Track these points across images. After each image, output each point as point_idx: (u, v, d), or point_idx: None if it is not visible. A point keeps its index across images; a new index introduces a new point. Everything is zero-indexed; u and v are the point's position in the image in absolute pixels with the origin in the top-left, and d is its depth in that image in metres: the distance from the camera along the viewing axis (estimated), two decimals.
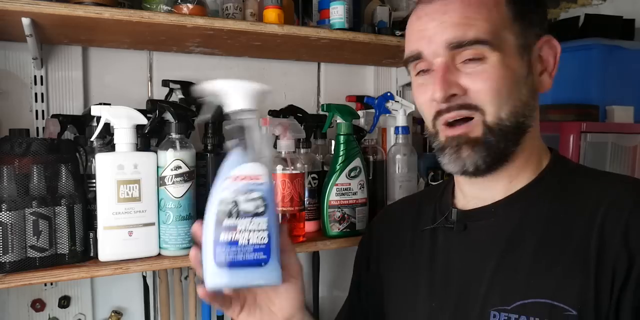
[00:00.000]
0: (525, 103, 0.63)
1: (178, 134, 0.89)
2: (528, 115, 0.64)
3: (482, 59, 0.60)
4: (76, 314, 1.12)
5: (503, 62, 0.60)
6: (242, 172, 0.61)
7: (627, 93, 1.53)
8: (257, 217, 0.61)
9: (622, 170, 1.44)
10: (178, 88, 1.11)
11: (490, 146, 0.62)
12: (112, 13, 0.86)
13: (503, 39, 0.61)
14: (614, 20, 1.61)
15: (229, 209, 0.60)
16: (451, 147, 0.63)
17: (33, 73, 1.06)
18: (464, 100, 0.61)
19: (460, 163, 0.63)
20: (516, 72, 0.62)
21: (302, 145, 1.07)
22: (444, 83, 0.61)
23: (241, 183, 0.61)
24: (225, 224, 0.60)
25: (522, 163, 0.65)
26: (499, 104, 0.61)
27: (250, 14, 1.10)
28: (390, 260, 0.77)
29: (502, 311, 0.59)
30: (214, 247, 0.59)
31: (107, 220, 0.83)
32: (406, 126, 1.15)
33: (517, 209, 0.64)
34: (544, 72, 0.66)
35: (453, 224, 0.69)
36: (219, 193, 0.60)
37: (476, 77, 0.61)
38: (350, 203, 1.03)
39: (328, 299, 1.40)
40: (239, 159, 0.61)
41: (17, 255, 0.77)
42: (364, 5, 1.30)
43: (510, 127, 0.62)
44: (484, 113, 0.61)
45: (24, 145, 0.79)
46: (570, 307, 0.55)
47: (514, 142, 0.63)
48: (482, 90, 0.60)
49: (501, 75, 0.60)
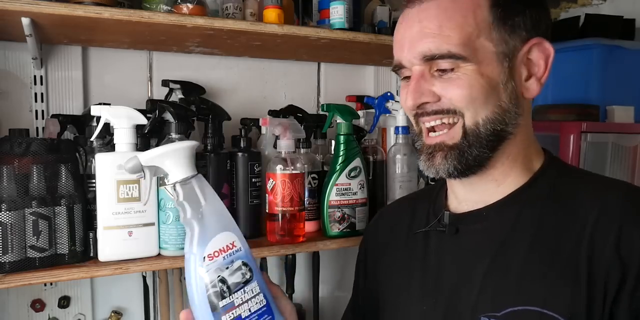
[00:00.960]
0: (505, 110, 0.62)
1: (178, 134, 0.89)
2: (509, 123, 0.62)
3: (455, 69, 0.60)
4: (76, 314, 1.12)
5: (477, 70, 0.60)
6: (215, 246, 0.58)
7: (627, 93, 1.53)
8: (248, 285, 0.59)
9: (622, 171, 1.44)
10: (178, 88, 1.11)
11: (463, 153, 0.62)
12: (112, 13, 0.86)
13: (478, 48, 0.60)
14: (614, 20, 1.61)
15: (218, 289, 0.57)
16: (426, 154, 0.65)
17: (33, 73, 1.06)
18: (438, 106, 0.62)
19: (433, 169, 0.64)
20: (493, 79, 0.61)
21: (302, 145, 1.07)
22: (414, 92, 0.62)
23: (219, 258, 0.58)
24: (222, 305, 0.57)
25: (506, 168, 0.65)
26: (474, 110, 0.61)
27: (250, 14, 1.10)
28: (384, 262, 0.77)
29: (492, 317, 0.59)
30: None
31: (107, 220, 0.83)
32: (406, 126, 1.15)
33: (508, 213, 0.64)
34: (532, 77, 0.63)
35: (445, 227, 0.68)
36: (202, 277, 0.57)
37: (448, 84, 0.61)
38: (350, 203, 1.03)
39: (328, 299, 1.40)
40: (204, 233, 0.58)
41: (17, 256, 0.77)
42: (364, 5, 1.30)
43: (485, 134, 0.62)
44: (463, 116, 0.62)
45: (24, 145, 0.78)
46: (561, 316, 0.55)
47: (489, 149, 0.62)
48: (454, 98, 0.61)
49: (475, 83, 0.60)
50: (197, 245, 0.57)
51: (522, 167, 0.65)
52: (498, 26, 0.60)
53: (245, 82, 1.29)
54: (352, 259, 0.89)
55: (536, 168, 0.66)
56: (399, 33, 0.65)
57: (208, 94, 1.20)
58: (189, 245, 0.58)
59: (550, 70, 0.63)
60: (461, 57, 0.59)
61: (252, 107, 1.28)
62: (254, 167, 0.99)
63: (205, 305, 0.56)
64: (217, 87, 1.25)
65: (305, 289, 1.35)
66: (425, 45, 0.60)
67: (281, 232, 0.97)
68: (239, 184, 0.99)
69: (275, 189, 0.96)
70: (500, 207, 0.65)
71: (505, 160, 0.64)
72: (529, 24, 0.62)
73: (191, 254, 0.57)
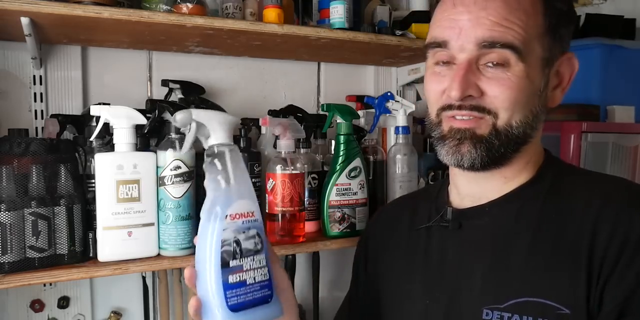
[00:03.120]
0: (536, 115, 0.63)
1: (177, 134, 0.88)
2: (535, 127, 0.64)
3: (507, 66, 0.60)
4: (75, 315, 1.11)
5: (526, 72, 0.60)
6: (237, 209, 0.59)
7: (628, 93, 1.53)
8: (257, 255, 0.60)
9: (622, 171, 1.44)
10: (177, 88, 1.11)
11: (492, 148, 0.62)
12: (112, 12, 0.86)
13: (532, 50, 0.60)
14: (614, 20, 1.60)
15: (232, 249, 0.58)
16: (453, 139, 0.63)
17: (32, 73, 1.06)
18: (478, 102, 0.61)
19: (457, 156, 0.63)
20: (535, 84, 0.62)
21: (302, 145, 1.06)
22: (463, 82, 0.60)
23: (239, 221, 0.59)
24: (232, 264, 0.58)
25: (519, 167, 0.67)
26: (512, 111, 0.61)
27: (250, 14, 1.10)
28: (386, 258, 0.78)
29: (495, 309, 0.60)
30: (224, 291, 0.57)
31: (107, 220, 0.83)
32: (406, 126, 1.15)
33: (511, 209, 0.65)
34: (558, 87, 0.66)
35: (448, 222, 0.69)
36: (220, 233, 0.58)
37: (496, 82, 0.60)
38: (351, 203, 1.03)
39: (328, 299, 1.40)
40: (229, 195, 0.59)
41: (16, 256, 0.77)
42: (364, 4, 1.30)
43: (516, 136, 0.62)
44: (497, 117, 0.61)
45: (23, 145, 0.78)
46: (563, 305, 0.56)
47: (515, 150, 0.64)
48: (500, 97, 0.60)
49: (521, 85, 0.60)
50: (221, 203, 0.58)
51: (530, 167, 0.67)
52: (547, 34, 0.62)
53: (245, 82, 1.29)
54: (352, 259, 0.89)
55: (538, 166, 0.68)
56: (450, 14, 0.62)
57: (208, 94, 1.20)
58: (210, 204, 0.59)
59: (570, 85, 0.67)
60: (519, 51, 0.59)
61: (252, 107, 1.28)
62: (254, 167, 0.99)
63: (217, 260, 0.57)
64: (216, 87, 1.25)
65: (305, 289, 1.34)
66: (487, 32, 0.59)
67: (281, 232, 0.97)
68: None
69: (275, 189, 0.96)
70: (503, 203, 0.66)
71: (520, 161, 0.66)
72: (567, 38, 0.65)
73: (212, 211, 0.58)
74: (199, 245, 0.59)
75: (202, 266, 0.58)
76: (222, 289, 0.57)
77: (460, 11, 0.61)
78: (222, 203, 0.59)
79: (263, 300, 0.60)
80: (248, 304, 0.58)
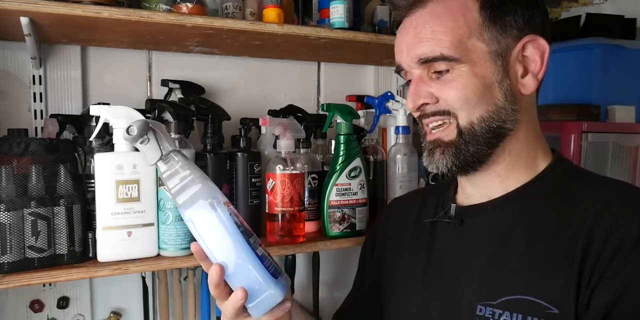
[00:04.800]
0: (501, 107, 0.64)
1: (177, 134, 0.88)
2: (507, 120, 0.64)
3: (450, 70, 0.63)
4: (75, 315, 1.11)
5: (471, 71, 0.63)
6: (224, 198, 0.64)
7: (628, 93, 1.53)
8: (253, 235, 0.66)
9: (623, 171, 1.44)
10: (177, 88, 1.11)
11: (460, 149, 0.65)
12: (111, 12, 0.86)
13: (471, 49, 0.62)
14: (615, 20, 1.61)
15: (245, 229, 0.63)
16: (428, 150, 0.69)
17: (32, 72, 1.06)
18: (436, 107, 0.66)
19: (433, 164, 0.68)
20: (487, 78, 0.63)
21: (302, 145, 1.06)
22: (413, 94, 0.66)
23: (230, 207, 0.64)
24: (251, 241, 0.62)
25: (509, 164, 0.67)
26: (468, 109, 0.64)
27: (249, 13, 1.09)
28: (392, 247, 0.81)
29: (487, 306, 0.61)
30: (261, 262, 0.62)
31: (106, 220, 0.83)
32: (406, 126, 1.15)
33: (512, 208, 0.66)
34: (528, 73, 0.65)
35: (451, 218, 0.71)
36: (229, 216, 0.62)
37: (444, 86, 0.64)
38: (351, 203, 1.03)
39: (328, 299, 1.40)
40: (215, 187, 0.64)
41: (16, 256, 0.77)
42: (364, 4, 1.29)
43: (481, 132, 0.64)
44: (457, 117, 0.64)
45: (23, 145, 0.78)
46: (552, 305, 0.57)
47: (487, 146, 0.65)
48: (450, 99, 0.64)
49: (468, 83, 0.63)
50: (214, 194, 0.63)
51: (527, 164, 0.67)
52: (489, 26, 0.63)
53: (245, 82, 1.29)
54: (353, 259, 0.89)
55: (542, 167, 0.68)
56: (398, 39, 0.69)
57: (207, 94, 1.19)
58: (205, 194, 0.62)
59: (546, 66, 0.65)
60: (453, 58, 0.62)
61: (251, 106, 1.28)
62: (254, 167, 0.99)
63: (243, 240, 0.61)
64: (216, 87, 1.25)
65: (305, 290, 1.34)
66: (420, 49, 0.64)
67: (281, 233, 0.97)
68: (238, 184, 0.98)
69: (275, 189, 0.96)
70: (504, 202, 0.67)
71: (507, 157, 0.66)
72: (521, 22, 0.63)
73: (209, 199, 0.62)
74: (211, 236, 0.62)
75: (228, 252, 0.61)
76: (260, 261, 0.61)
77: (403, 34, 0.67)
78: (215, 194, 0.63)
79: (278, 271, 0.65)
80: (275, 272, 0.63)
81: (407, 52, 0.66)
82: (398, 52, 0.69)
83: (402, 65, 0.68)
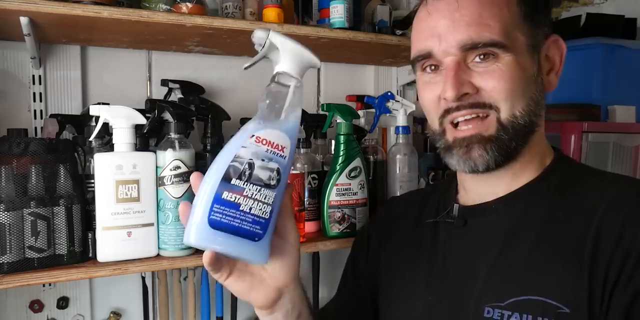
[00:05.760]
0: (536, 101, 0.63)
1: (177, 134, 0.88)
2: (538, 114, 0.64)
3: (495, 58, 0.60)
4: (75, 315, 1.11)
5: (516, 61, 0.60)
6: (268, 136, 0.55)
7: (629, 93, 1.53)
8: (266, 189, 0.55)
9: (623, 170, 1.44)
10: (177, 87, 1.11)
11: (502, 144, 0.62)
12: (111, 12, 0.86)
13: (515, 39, 0.61)
14: (615, 20, 1.60)
15: (242, 168, 0.54)
16: (461, 147, 0.63)
17: (31, 72, 1.06)
18: (475, 99, 0.61)
19: (470, 162, 0.62)
20: (527, 70, 0.62)
21: (302, 145, 1.06)
22: (456, 82, 0.60)
23: (263, 147, 0.55)
24: (233, 182, 0.53)
25: (526, 161, 0.66)
26: (512, 102, 0.61)
27: (249, 13, 1.09)
28: (391, 248, 0.78)
29: (495, 307, 0.59)
30: (212, 203, 0.53)
31: (106, 220, 0.83)
32: (407, 126, 1.15)
33: (517, 207, 0.64)
34: (551, 71, 0.66)
35: (454, 219, 0.69)
36: (237, 148, 0.54)
37: (489, 76, 0.60)
38: (351, 203, 1.03)
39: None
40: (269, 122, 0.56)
41: (15, 256, 0.77)
42: (364, 4, 1.29)
43: (522, 125, 0.62)
44: (499, 111, 0.61)
45: (22, 145, 0.78)
46: (563, 305, 0.55)
47: (524, 141, 0.63)
48: (496, 89, 0.60)
49: (514, 74, 0.60)
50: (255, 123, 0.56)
51: (537, 162, 0.67)
52: (526, 21, 0.62)
53: (244, 82, 1.29)
54: None
55: (546, 164, 0.67)
56: (427, 23, 0.63)
57: (207, 94, 1.19)
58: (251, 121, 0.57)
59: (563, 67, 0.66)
60: (503, 45, 0.59)
61: (251, 106, 1.27)
62: None
63: (220, 171, 0.54)
64: (216, 87, 1.25)
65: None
66: (465, 33, 0.60)
67: None
68: None
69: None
70: (509, 201, 0.65)
71: (527, 154, 0.65)
72: (548, 21, 0.65)
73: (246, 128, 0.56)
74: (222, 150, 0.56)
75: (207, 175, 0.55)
76: (212, 200, 0.53)
77: (436, 18, 0.62)
78: (256, 123, 0.56)
79: (249, 235, 0.54)
80: (230, 229, 0.53)
81: (444, 36, 0.61)
82: (428, 37, 0.63)
83: (434, 51, 0.62)
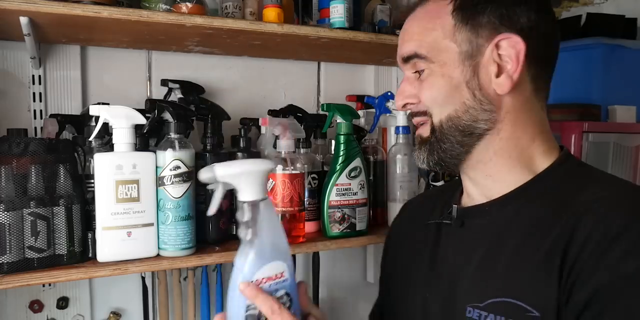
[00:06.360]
0: (470, 106, 0.64)
1: (177, 134, 0.88)
2: (479, 119, 0.64)
3: (422, 71, 0.67)
4: (74, 315, 1.11)
5: (439, 71, 0.65)
6: (266, 273, 0.57)
7: (629, 92, 1.53)
8: None
9: (624, 171, 1.43)
10: (177, 87, 1.11)
11: (433, 146, 0.68)
12: (111, 12, 0.86)
13: (443, 50, 0.65)
14: (616, 20, 1.60)
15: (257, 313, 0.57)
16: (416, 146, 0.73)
17: (31, 72, 1.06)
18: (417, 107, 0.69)
19: (415, 159, 0.72)
20: (454, 79, 0.65)
21: (302, 145, 1.06)
22: (399, 94, 0.70)
23: (266, 285, 0.58)
24: None
25: (499, 164, 0.66)
26: (439, 108, 0.66)
27: (249, 13, 1.09)
28: (401, 248, 0.82)
29: (476, 308, 0.62)
30: None
31: (106, 220, 0.83)
32: (407, 126, 1.14)
33: (509, 209, 0.65)
34: (502, 73, 0.63)
35: (452, 220, 0.72)
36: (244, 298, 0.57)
37: (421, 86, 0.68)
38: (351, 203, 1.03)
39: (328, 300, 1.39)
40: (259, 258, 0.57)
41: (15, 256, 0.77)
42: (364, 4, 1.29)
43: (448, 130, 0.66)
44: (431, 117, 0.67)
45: (22, 145, 0.78)
46: (534, 308, 0.57)
47: (461, 144, 0.66)
48: (424, 98, 0.67)
49: (436, 84, 0.66)
50: (249, 267, 0.57)
51: (522, 164, 0.66)
52: (460, 28, 0.64)
53: (244, 82, 1.29)
54: (353, 259, 0.89)
55: (542, 166, 0.66)
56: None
57: (207, 94, 1.19)
58: (241, 262, 0.58)
59: (524, 66, 0.63)
60: (423, 56, 0.66)
61: (251, 106, 1.28)
62: None
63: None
64: (216, 87, 1.25)
65: None
66: (402, 49, 0.69)
67: None
68: None
69: (275, 189, 0.96)
70: (502, 203, 0.67)
71: (493, 156, 0.66)
72: (496, 22, 0.63)
73: (241, 272, 0.57)
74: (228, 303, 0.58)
75: None
76: None
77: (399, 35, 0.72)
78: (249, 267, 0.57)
79: None
80: None
81: (398, 50, 0.71)
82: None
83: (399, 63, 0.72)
